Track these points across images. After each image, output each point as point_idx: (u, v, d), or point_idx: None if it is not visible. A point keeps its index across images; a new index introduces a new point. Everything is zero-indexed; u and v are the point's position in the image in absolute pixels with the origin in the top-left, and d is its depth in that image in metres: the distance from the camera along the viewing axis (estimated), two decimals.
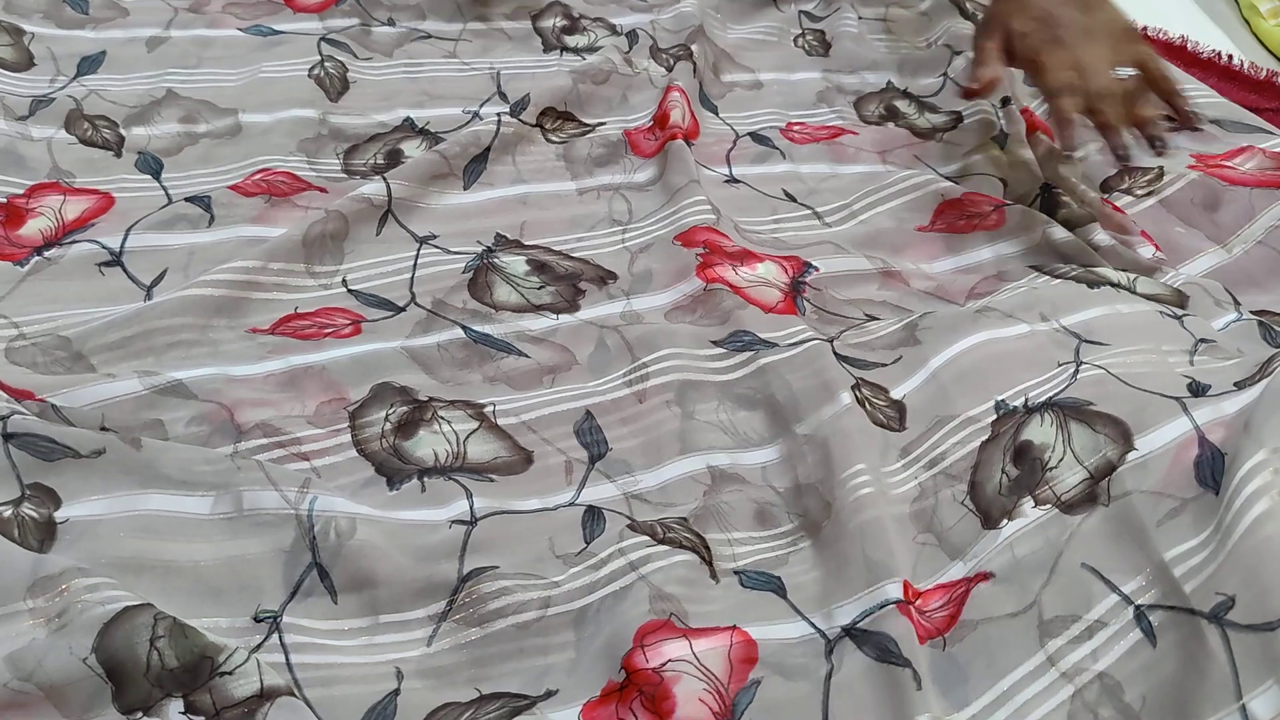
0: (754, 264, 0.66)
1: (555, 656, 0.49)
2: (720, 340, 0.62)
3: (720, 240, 0.68)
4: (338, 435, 0.56)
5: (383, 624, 0.49)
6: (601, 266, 0.67)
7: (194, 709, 0.44)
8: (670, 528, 0.54)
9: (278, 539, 0.50)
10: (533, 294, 0.65)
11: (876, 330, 0.63)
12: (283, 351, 0.60)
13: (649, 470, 0.57)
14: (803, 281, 0.66)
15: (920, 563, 0.52)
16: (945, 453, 0.56)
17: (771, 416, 0.59)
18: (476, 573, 0.50)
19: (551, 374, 0.61)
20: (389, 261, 0.66)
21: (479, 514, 0.53)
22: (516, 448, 0.57)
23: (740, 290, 0.65)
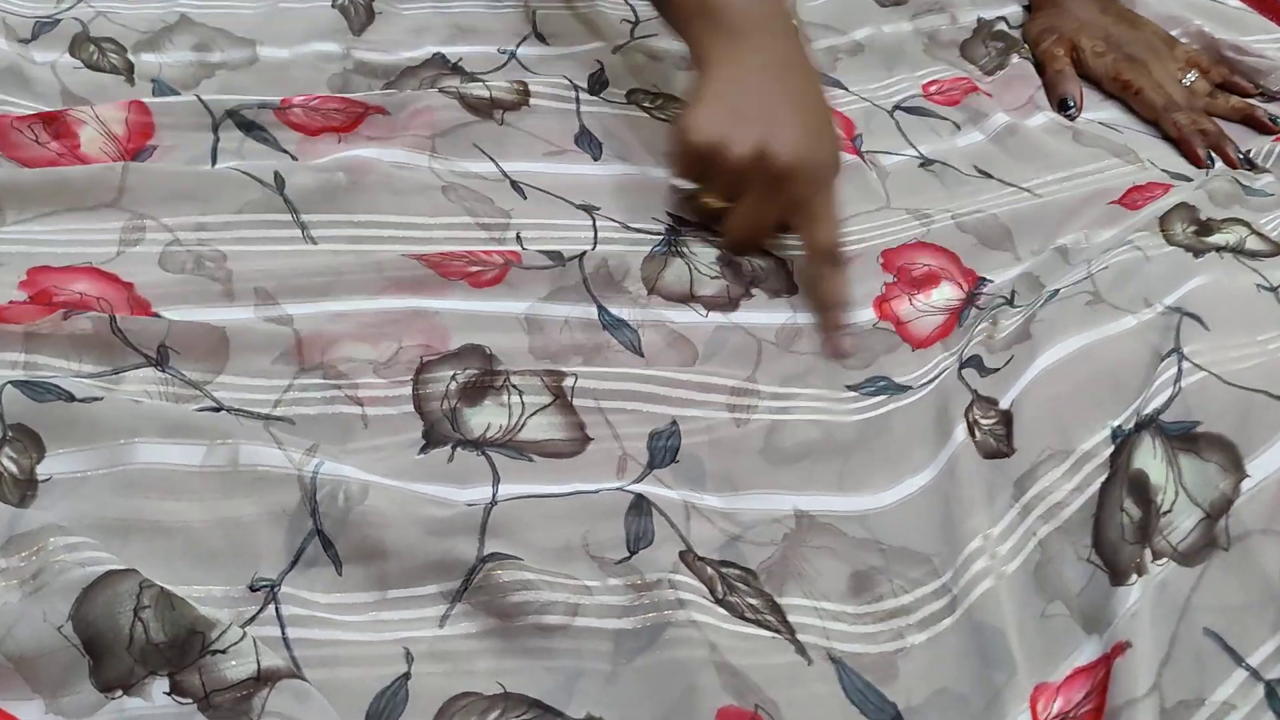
0: (931, 290, 0.60)
1: (590, 663, 0.43)
2: (856, 385, 0.56)
3: (918, 258, 0.62)
4: (400, 386, 0.51)
5: (391, 599, 0.45)
6: (789, 273, 0.60)
7: (181, 690, 0.39)
8: (733, 586, 0.47)
9: (278, 500, 0.45)
10: (701, 283, 0.58)
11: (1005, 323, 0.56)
12: (409, 289, 0.55)
13: (720, 494, 0.50)
14: (979, 293, 0.60)
15: (1051, 643, 0.44)
16: (1063, 502, 0.48)
17: (883, 461, 0.52)
18: (496, 556, 0.45)
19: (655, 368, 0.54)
20: (561, 226, 0.60)
21: (501, 498, 0.48)
22: (579, 434, 0.51)
23: (904, 326, 0.58)
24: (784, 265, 0.60)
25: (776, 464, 0.51)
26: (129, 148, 0.61)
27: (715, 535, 0.48)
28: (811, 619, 0.45)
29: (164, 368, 0.51)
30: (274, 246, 0.57)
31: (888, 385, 0.55)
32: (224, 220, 0.57)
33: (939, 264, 0.61)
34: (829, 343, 0.55)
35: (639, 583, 0.45)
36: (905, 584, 0.47)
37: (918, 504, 0.49)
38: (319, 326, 0.53)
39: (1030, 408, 0.50)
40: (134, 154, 0.61)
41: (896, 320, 0.58)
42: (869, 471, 0.51)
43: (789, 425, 0.53)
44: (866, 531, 0.49)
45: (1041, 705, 0.42)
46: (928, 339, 0.58)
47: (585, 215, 0.61)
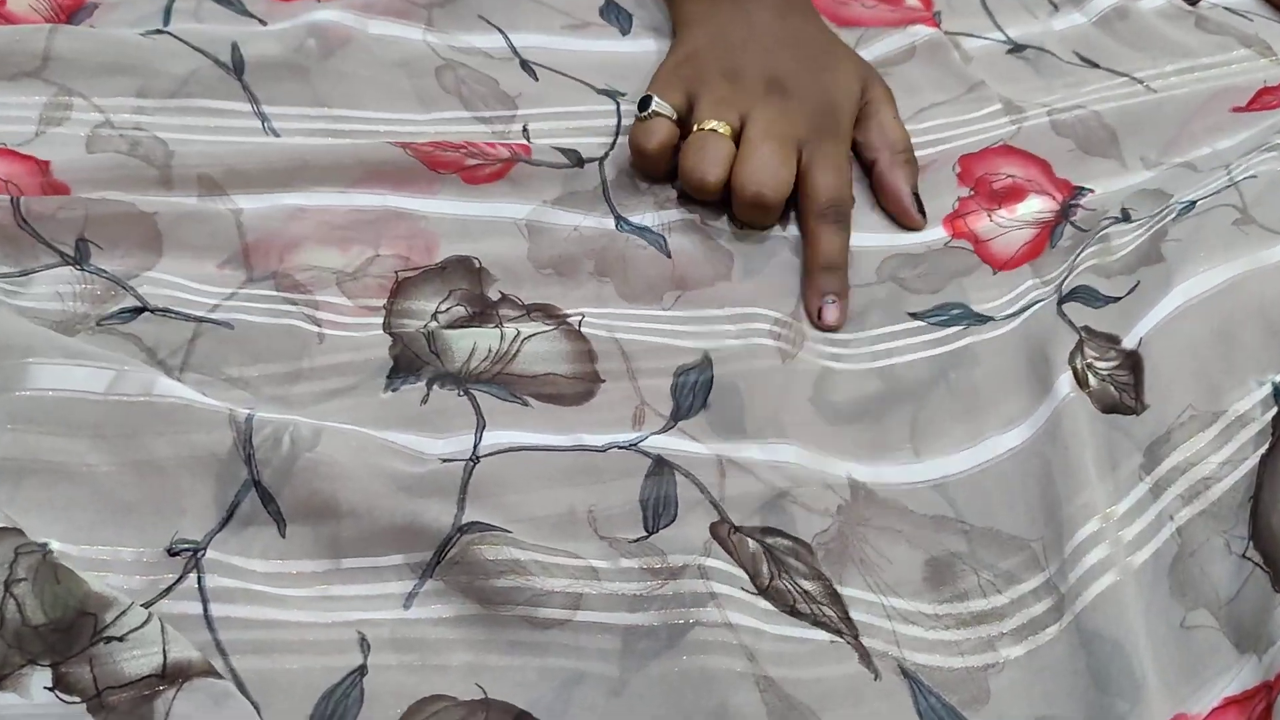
0: (1015, 205, 0.49)
1: (592, 666, 0.34)
2: (922, 313, 0.45)
3: (1002, 167, 0.51)
4: (370, 314, 0.42)
5: (345, 570, 0.35)
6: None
7: (66, 685, 0.31)
8: (783, 564, 0.37)
9: (205, 442, 0.36)
10: None
11: (1120, 241, 0.45)
12: (390, 183, 0.45)
13: (764, 440, 0.40)
14: (1074, 205, 0.49)
15: (1193, 663, 0.34)
16: (1208, 476, 0.37)
17: (964, 410, 0.42)
18: (477, 528, 0.36)
19: (681, 288, 0.44)
20: (579, 114, 0.50)
21: (486, 451, 0.38)
22: (587, 368, 0.41)
23: (984, 244, 0.48)
24: None
25: (829, 421, 0.41)
26: (64, 3, 0.51)
27: (757, 491, 0.38)
28: (878, 619, 0.36)
29: (83, 266, 0.41)
30: (227, 138, 0.47)
31: (965, 313, 0.45)
32: (167, 104, 0.47)
33: (1026, 175, 0.51)
34: (810, 308, 0.45)
35: (659, 567, 0.36)
36: (996, 579, 0.37)
37: (1009, 471, 0.39)
38: (275, 225, 0.44)
39: (1166, 351, 0.39)
40: (70, 12, 0.51)
41: (974, 238, 0.48)
42: (946, 423, 0.41)
43: (840, 375, 0.43)
44: (943, 504, 0.39)
45: None
46: (1013, 259, 0.47)
47: (609, 101, 0.51)
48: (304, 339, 0.41)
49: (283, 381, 0.39)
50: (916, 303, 0.45)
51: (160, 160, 0.44)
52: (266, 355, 0.40)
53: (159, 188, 0.44)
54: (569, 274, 0.44)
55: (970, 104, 0.53)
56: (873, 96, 0.51)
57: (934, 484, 0.39)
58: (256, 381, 0.39)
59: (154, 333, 0.40)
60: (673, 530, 0.36)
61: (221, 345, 0.40)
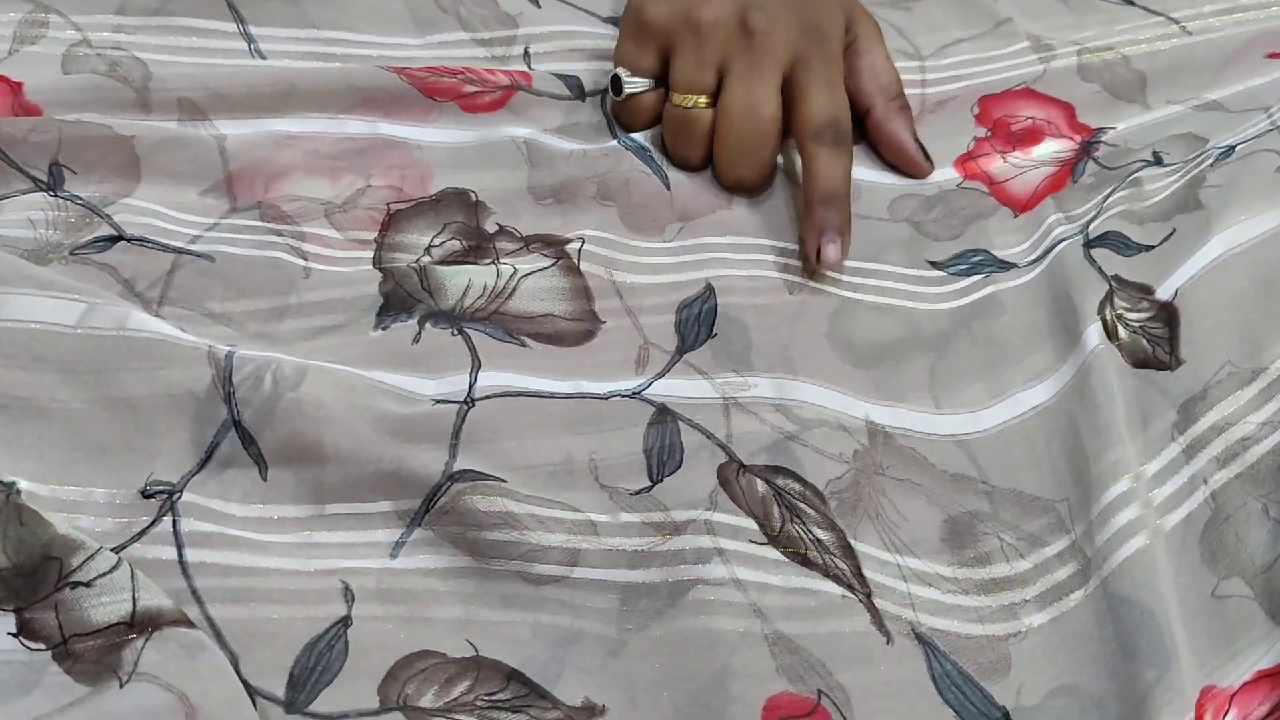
0: (1031, 147, 0.47)
1: (589, 625, 0.32)
2: (942, 261, 0.43)
3: (1021, 110, 0.48)
4: (359, 248, 0.40)
5: (329, 516, 0.34)
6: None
7: (31, 631, 0.29)
8: (794, 509, 0.35)
9: (181, 380, 0.34)
10: None
11: (1153, 186, 0.42)
12: (383, 110, 0.43)
13: (772, 375, 0.38)
14: (1095, 142, 0.46)
15: (1225, 633, 0.32)
16: (1246, 437, 0.35)
17: (986, 364, 0.39)
18: (470, 476, 0.34)
19: (683, 220, 0.42)
20: (582, 34, 0.47)
21: (481, 393, 0.36)
22: (585, 308, 0.39)
23: (999, 185, 0.45)
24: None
25: (845, 360, 0.39)
26: None
27: (765, 433, 0.36)
28: (892, 579, 0.34)
29: (56, 191, 0.39)
30: (210, 59, 0.44)
31: (987, 260, 0.43)
32: (148, 23, 0.44)
33: (1046, 117, 0.48)
34: (809, 245, 0.41)
35: (662, 521, 0.34)
36: (1020, 542, 0.35)
37: (1034, 430, 0.37)
38: (261, 152, 0.41)
39: (1205, 304, 0.37)
40: None
41: (988, 179, 0.45)
42: (967, 376, 0.39)
43: (858, 311, 0.40)
44: (965, 461, 0.37)
45: (1210, 718, 0.30)
46: (1034, 197, 0.45)
47: (613, 29, 0.48)
48: (290, 273, 0.38)
49: (268, 318, 0.37)
50: (937, 251, 0.43)
51: (139, 82, 0.42)
52: (250, 290, 0.38)
53: (137, 110, 0.41)
54: (570, 200, 0.42)
55: (996, 40, 0.50)
56: (860, 33, 0.46)
57: (956, 440, 0.37)
58: (240, 317, 0.37)
59: (131, 263, 0.38)
60: (677, 479, 0.34)
61: (202, 278, 0.38)
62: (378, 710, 0.30)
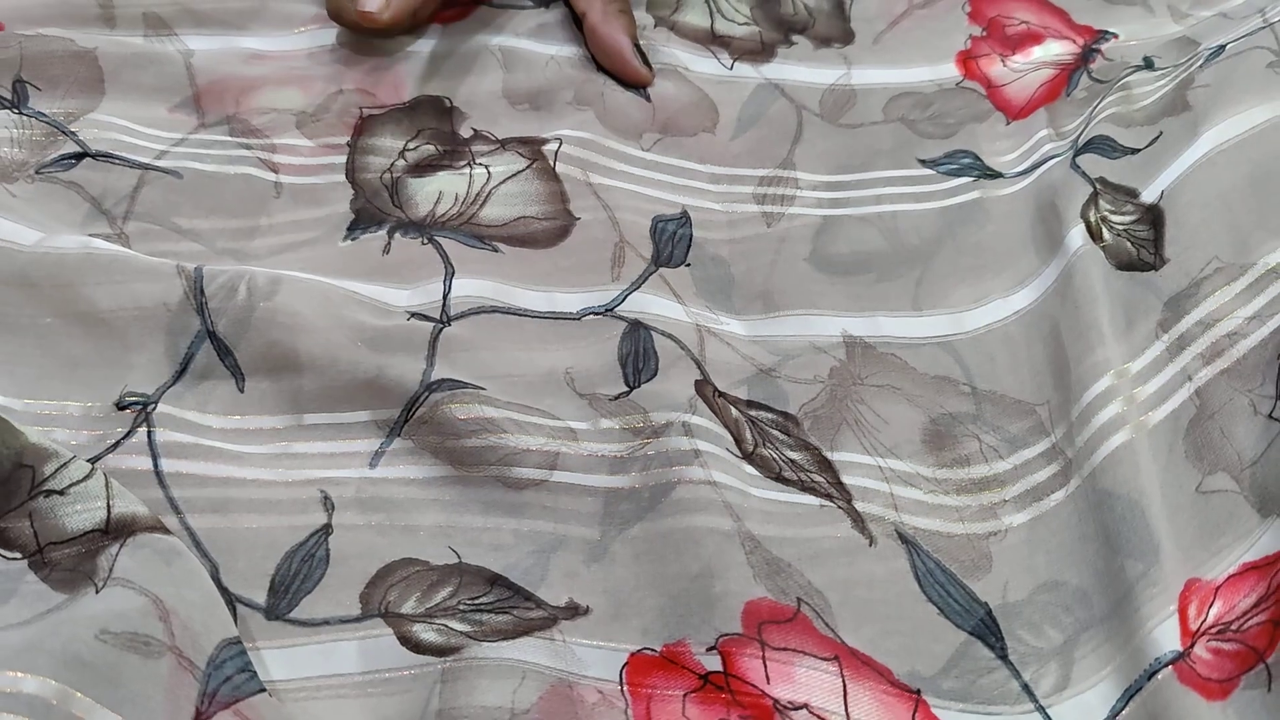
0: (1032, 48, 0.46)
1: (571, 529, 0.32)
2: (933, 160, 0.42)
3: (1015, 12, 0.47)
4: (331, 153, 0.39)
5: (308, 426, 0.33)
6: (845, 19, 0.47)
7: (6, 540, 0.29)
8: (767, 435, 0.34)
9: (153, 292, 0.33)
10: (725, 24, 0.45)
11: (1142, 90, 0.42)
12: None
13: (746, 316, 0.38)
14: (1095, 50, 0.45)
15: (1210, 527, 0.31)
16: (1233, 332, 0.33)
17: (970, 268, 0.39)
18: (448, 385, 0.33)
19: (662, 132, 0.41)
20: None
21: (456, 307, 0.35)
22: (559, 208, 0.38)
23: (997, 89, 0.44)
24: (840, 6, 0.46)
25: (826, 274, 0.39)
26: None
27: (738, 366, 0.36)
28: (874, 482, 0.34)
29: (20, 109, 0.38)
30: None
31: (975, 164, 0.42)
32: None
33: (1042, 21, 0.47)
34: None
35: (641, 425, 0.33)
36: (1000, 444, 0.34)
37: (1015, 334, 0.37)
38: (230, 67, 0.40)
39: (1191, 204, 0.36)
40: None
41: (987, 82, 0.45)
42: (950, 282, 0.38)
43: (841, 224, 0.40)
44: (949, 362, 0.36)
45: (1194, 610, 0.30)
46: (1028, 105, 0.44)
47: None
48: (260, 191, 0.38)
49: (237, 236, 0.37)
50: (926, 149, 0.42)
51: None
52: (220, 209, 0.37)
53: (101, 25, 0.40)
54: (546, 106, 0.41)
55: None
56: None
57: (939, 341, 0.37)
58: (209, 234, 0.37)
59: (98, 180, 0.37)
60: (655, 385, 0.34)
61: (170, 194, 0.37)
62: (359, 617, 0.30)
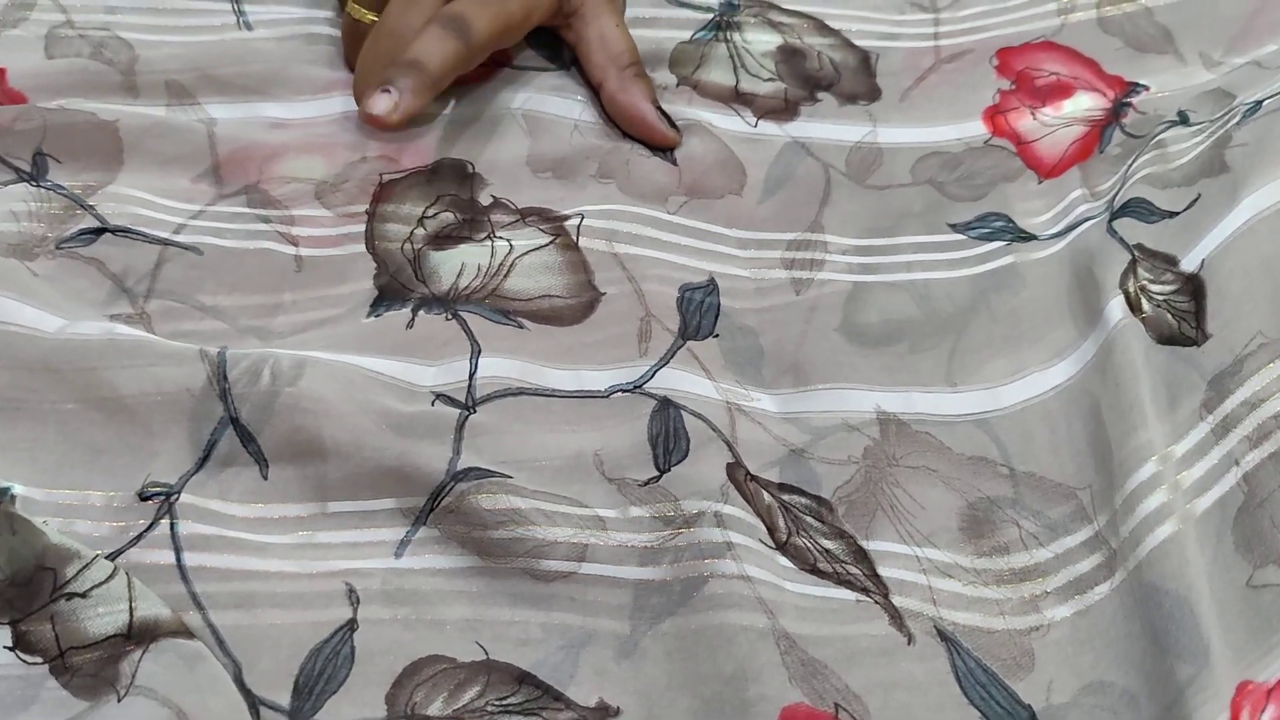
0: (1062, 101, 0.45)
1: (601, 623, 0.31)
2: (962, 224, 0.41)
3: (1044, 63, 0.46)
4: (351, 223, 0.38)
5: (332, 515, 0.33)
6: (871, 74, 0.45)
7: (27, 644, 0.28)
8: (800, 522, 0.33)
9: (175, 377, 0.33)
10: (750, 81, 0.44)
11: (1178, 147, 0.40)
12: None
13: (777, 390, 0.37)
14: (1126, 103, 0.44)
15: (1262, 625, 0.30)
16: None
17: (1005, 339, 0.37)
18: (474, 474, 0.33)
19: (689, 195, 0.41)
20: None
21: (483, 389, 0.34)
22: (583, 281, 0.38)
23: (1027, 146, 0.43)
24: (866, 62, 0.46)
25: (857, 345, 0.38)
26: None
27: (770, 446, 0.35)
28: (912, 573, 0.33)
29: (39, 182, 0.38)
30: (198, 37, 0.43)
31: (1008, 227, 0.41)
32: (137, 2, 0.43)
33: (1072, 72, 0.46)
34: (362, 100, 0.38)
35: (672, 514, 0.32)
36: (1040, 530, 0.33)
37: (1054, 411, 0.36)
38: (253, 134, 0.40)
39: (1233, 272, 0.35)
40: None
41: (1017, 138, 0.44)
42: (985, 353, 0.37)
43: (872, 292, 0.39)
44: (986, 442, 0.35)
45: (1246, 716, 0.28)
46: (1060, 163, 0.43)
47: None
48: (281, 266, 0.37)
49: (260, 313, 0.36)
50: (956, 212, 0.41)
51: (125, 64, 0.40)
52: (242, 285, 0.37)
53: (124, 94, 0.40)
54: (568, 176, 0.40)
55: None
56: (588, 1, 0.43)
57: (975, 419, 0.36)
58: (232, 311, 0.36)
59: (119, 256, 0.37)
60: (686, 468, 0.33)
61: (191, 271, 0.37)
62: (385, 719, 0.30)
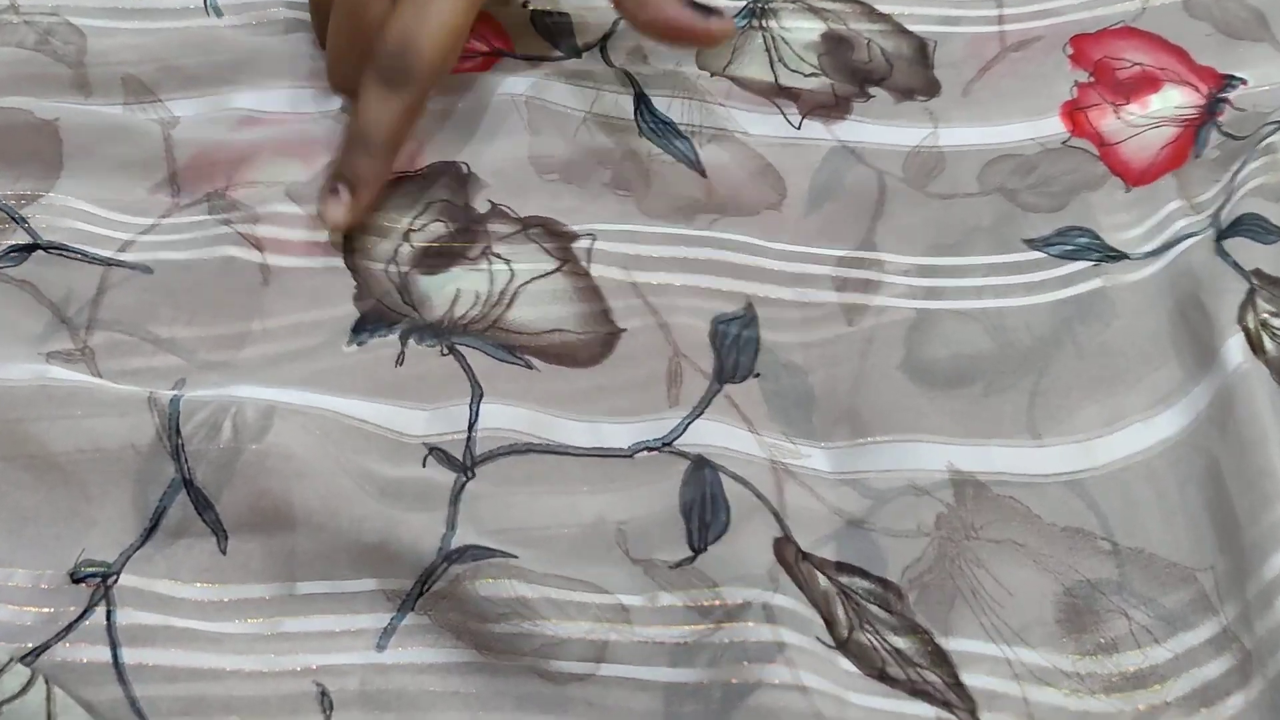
0: (1149, 96, 0.39)
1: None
2: (1040, 239, 0.35)
3: (1126, 52, 0.40)
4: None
5: (302, 597, 0.27)
6: (928, 66, 0.40)
7: None
8: (864, 613, 0.28)
9: (117, 430, 0.28)
10: (789, 76, 0.39)
11: None
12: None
13: (829, 443, 0.31)
14: (1222, 99, 0.39)
15: None
16: None
17: (1097, 379, 0.32)
18: (472, 554, 0.27)
19: (720, 212, 0.35)
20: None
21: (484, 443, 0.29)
22: (598, 313, 0.32)
23: (1111, 148, 0.37)
24: (923, 51, 0.40)
25: (923, 387, 0.32)
26: None
27: (824, 516, 0.29)
28: (1003, 681, 0.27)
29: None
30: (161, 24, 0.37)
31: (1093, 244, 0.35)
32: None
33: (1158, 62, 0.40)
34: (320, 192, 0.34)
35: (711, 604, 0.27)
36: (1154, 623, 0.28)
37: (1161, 471, 0.30)
38: (218, 134, 0.34)
39: None
40: None
41: (1099, 139, 0.38)
42: (1074, 397, 0.32)
43: (938, 321, 0.33)
44: (1081, 509, 0.30)
45: None
46: (1151, 169, 0.37)
47: None
48: (246, 280, 0.32)
49: (224, 345, 0.31)
50: (1033, 225, 0.36)
51: (73, 56, 0.35)
52: (202, 310, 0.31)
53: (74, 92, 0.35)
54: (579, 181, 0.35)
55: None
56: None
57: (1067, 480, 0.30)
58: (190, 344, 0.31)
59: (58, 281, 0.31)
60: (726, 546, 0.28)
61: (143, 295, 0.31)
62: None
